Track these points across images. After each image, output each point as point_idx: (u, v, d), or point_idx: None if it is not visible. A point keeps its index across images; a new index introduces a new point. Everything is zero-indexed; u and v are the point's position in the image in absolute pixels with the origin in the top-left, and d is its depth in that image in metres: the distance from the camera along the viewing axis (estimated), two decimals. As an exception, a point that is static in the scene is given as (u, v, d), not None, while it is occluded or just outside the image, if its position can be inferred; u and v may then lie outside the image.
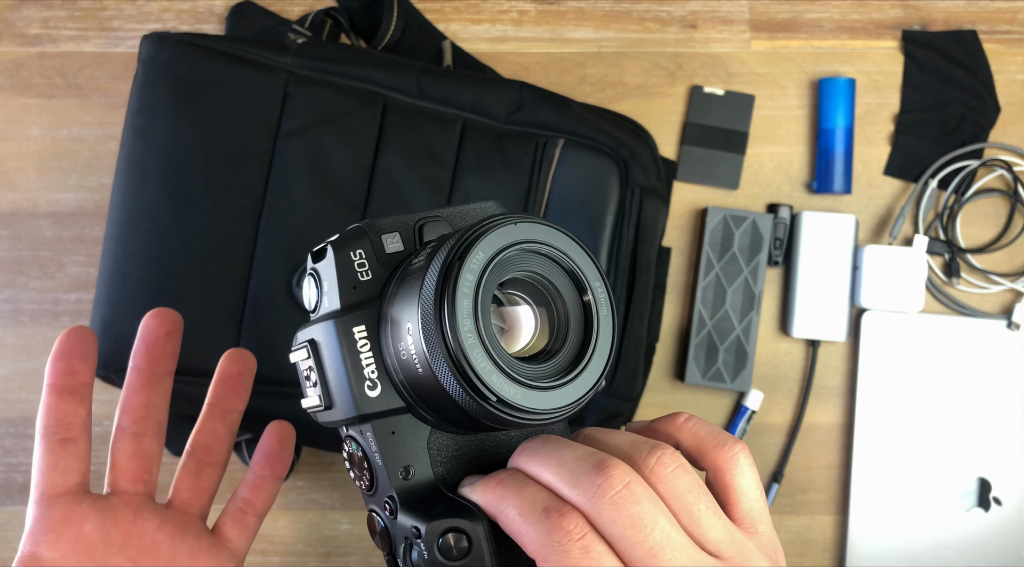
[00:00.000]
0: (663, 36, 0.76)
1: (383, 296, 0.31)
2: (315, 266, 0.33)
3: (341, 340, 0.31)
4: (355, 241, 0.32)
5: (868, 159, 0.75)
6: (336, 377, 0.31)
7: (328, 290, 0.32)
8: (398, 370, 0.30)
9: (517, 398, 0.28)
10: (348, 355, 0.31)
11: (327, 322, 0.31)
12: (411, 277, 0.30)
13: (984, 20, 0.76)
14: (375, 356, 0.31)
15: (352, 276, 0.32)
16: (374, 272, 0.32)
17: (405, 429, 0.31)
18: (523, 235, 0.29)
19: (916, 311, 0.72)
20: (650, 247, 0.67)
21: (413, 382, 0.30)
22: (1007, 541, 0.72)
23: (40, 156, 0.74)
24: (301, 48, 0.65)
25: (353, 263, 0.32)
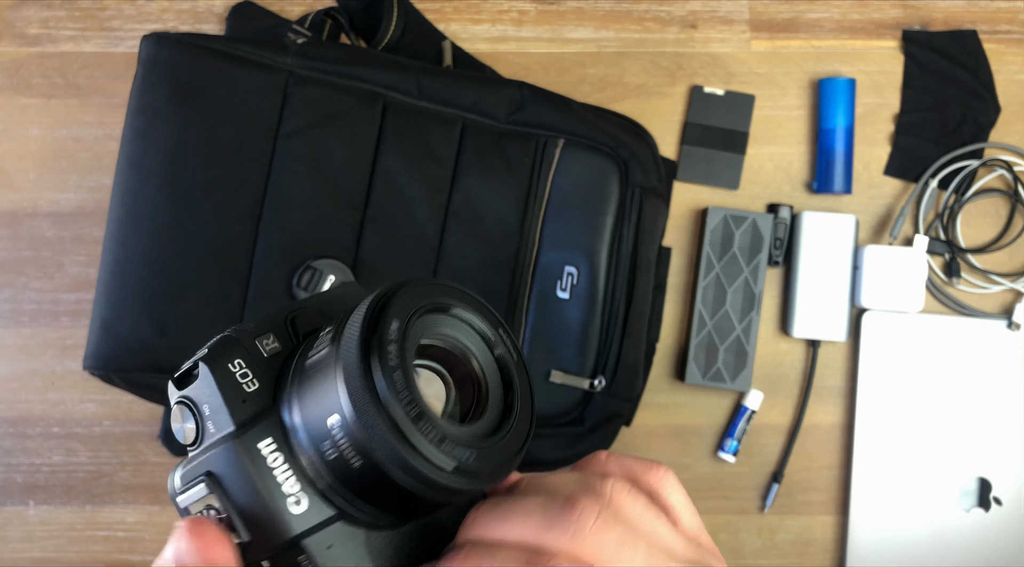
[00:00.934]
0: (663, 36, 0.76)
1: (279, 402, 0.28)
2: (184, 393, 0.29)
3: (247, 462, 0.27)
4: (229, 351, 0.29)
5: (868, 159, 0.75)
6: (251, 505, 0.27)
7: (212, 413, 0.28)
8: (323, 474, 0.27)
9: (472, 460, 0.27)
10: (260, 476, 0.27)
11: (223, 447, 0.28)
12: (316, 370, 0.27)
13: (984, 20, 0.76)
14: (292, 467, 0.28)
15: (238, 389, 0.28)
16: (260, 379, 0.29)
17: (341, 539, 0.28)
18: (425, 298, 0.28)
19: (916, 311, 0.72)
20: (650, 247, 0.67)
21: (347, 480, 0.27)
22: (1007, 541, 0.72)
23: (40, 156, 0.74)
24: (301, 48, 0.65)
25: (235, 375, 0.28)
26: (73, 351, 0.73)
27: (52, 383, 0.73)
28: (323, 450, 0.27)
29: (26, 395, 0.73)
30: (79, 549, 0.73)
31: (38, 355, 0.73)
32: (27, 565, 0.73)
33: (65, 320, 0.73)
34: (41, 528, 0.73)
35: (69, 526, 0.73)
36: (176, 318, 0.62)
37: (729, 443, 0.73)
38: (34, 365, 0.73)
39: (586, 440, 0.67)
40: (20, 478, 0.73)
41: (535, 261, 0.66)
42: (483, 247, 0.66)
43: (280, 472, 0.28)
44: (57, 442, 0.73)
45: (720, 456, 0.73)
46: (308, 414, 0.27)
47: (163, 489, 0.73)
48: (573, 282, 0.66)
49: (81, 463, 0.73)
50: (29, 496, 0.73)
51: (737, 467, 0.74)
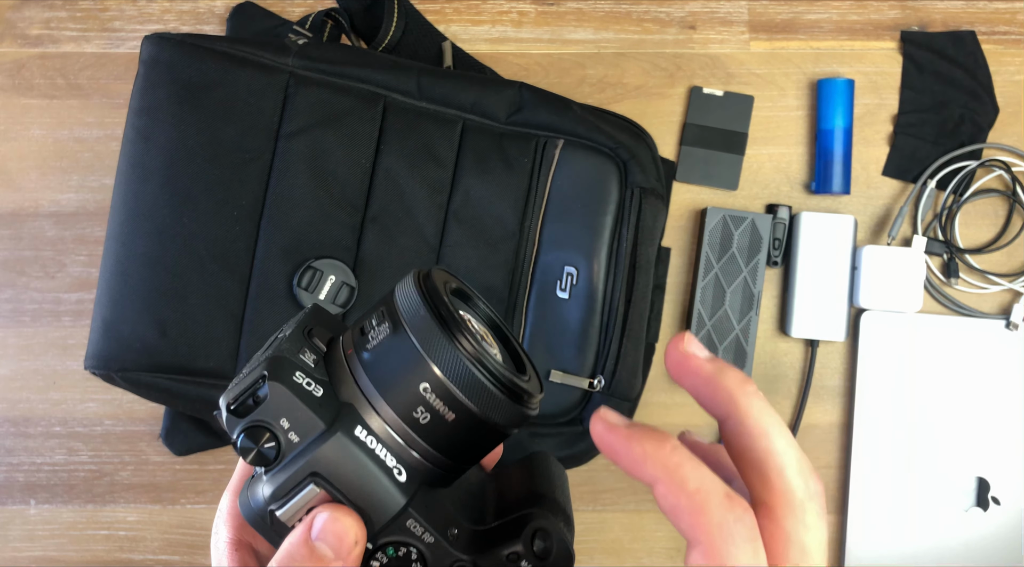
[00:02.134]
0: (662, 37, 0.76)
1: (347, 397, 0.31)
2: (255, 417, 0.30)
3: (353, 448, 0.30)
4: (289, 367, 0.31)
5: (867, 160, 0.76)
6: (364, 485, 0.30)
7: (293, 424, 0.30)
8: (413, 443, 0.31)
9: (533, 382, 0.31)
10: (368, 456, 0.30)
11: (326, 444, 0.30)
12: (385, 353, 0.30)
13: (983, 21, 0.76)
14: (384, 446, 0.31)
15: (311, 397, 0.30)
16: (321, 385, 0.31)
17: (429, 499, 0.31)
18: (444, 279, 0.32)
19: (915, 311, 0.73)
20: (649, 247, 0.67)
21: (437, 438, 0.30)
22: (1006, 541, 0.72)
23: (41, 156, 0.74)
24: (302, 49, 0.65)
25: (302, 385, 0.30)
26: (74, 351, 0.73)
27: (53, 382, 0.73)
28: (416, 417, 0.30)
29: (28, 394, 0.73)
30: (80, 548, 0.73)
31: (39, 355, 0.74)
32: (28, 564, 0.73)
33: (67, 320, 0.74)
34: (42, 527, 0.73)
35: (70, 525, 0.73)
36: (177, 318, 0.63)
37: (728, 443, 0.73)
38: (36, 365, 0.73)
39: (585, 440, 0.67)
40: (22, 477, 0.73)
41: (535, 261, 0.66)
42: (483, 247, 0.66)
43: (380, 451, 0.30)
44: (58, 441, 0.73)
45: (719, 455, 0.73)
46: (393, 392, 0.30)
47: (164, 488, 0.74)
48: (572, 282, 0.66)
49: (82, 462, 0.73)
50: (31, 495, 0.73)
51: (736, 466, 0.74)
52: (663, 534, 0.74)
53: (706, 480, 0.26)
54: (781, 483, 0.27)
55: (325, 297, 0.63)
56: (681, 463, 0.27)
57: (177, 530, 0.73)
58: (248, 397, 0.31)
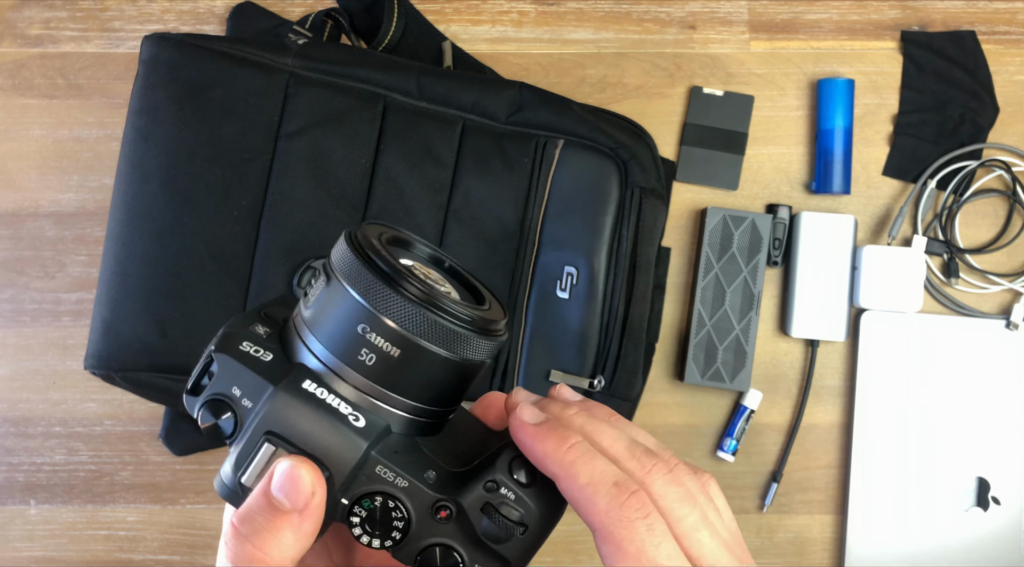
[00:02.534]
0: (662, 37, 0.76)
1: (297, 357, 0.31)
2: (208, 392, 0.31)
3: (300, 401, 0.30)
4: (235, 339, 0.31)
5: (867, 160, 0.76)
6: (317, 438, 0.30)
7: (244, 391, 0.30)
8: (369, 388, 0.30)
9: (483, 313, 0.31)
10: (317, 406, 0.30)
11: (272, 401, 0.30)
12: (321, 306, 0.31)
13: (983, 21, 0.76)
14: (337, 396, 0.30)
15: (259, 362, 0.30)
16: (272, 351, 0.31)
17: (402, 447, 0.31)
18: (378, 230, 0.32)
19: (915, 311, 0.73)
20: (649, 247, 0.67)
21: (390, 378, 0.30)
22: (1006, 541, 0.72)
23: (41, 156, 0.74)
24: (302, 49, 0.65)
25: (249, 353, 0.31)
26: (74, 351, 0.73)
27: (53, 383, 0.73)
28: (361, 360, 0.30)
29: (28, 394, 0.73)
30: (80, 548, 0.73)
31: (39, 355, 0.74)
32: (28, 564, 0.73)
33: (66, 320, 0.74)
34: (42, 527, 0.73)
35: (70, 525, 0.73)
36: (177, 318, 0.63)
37: (728, 442, 0.73)
38: (35, 365, 0.73)
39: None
40: (22, 477, 0.73)
41: (535, 261, 0.66)
42: (483, 247, 0.66)
43: (331, 400, 0.30)
44: (58, 441, 0.73)
45: (719, 455, 0.73)
46: (334, 339, 0.30)
47: (164, 488, 0.74)
48: (573, 282, 0.66)
49: (82, 462, 0.73)
50: (31, 495, 0.73)
51: (736, 466, 0.74)
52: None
53: (596, 472, 0.29)
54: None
55: (325, 297, 0.63)
56: (574, 460, 0.30)
57: (177, 530, 0.73)
58: (203, 375, 0.31)
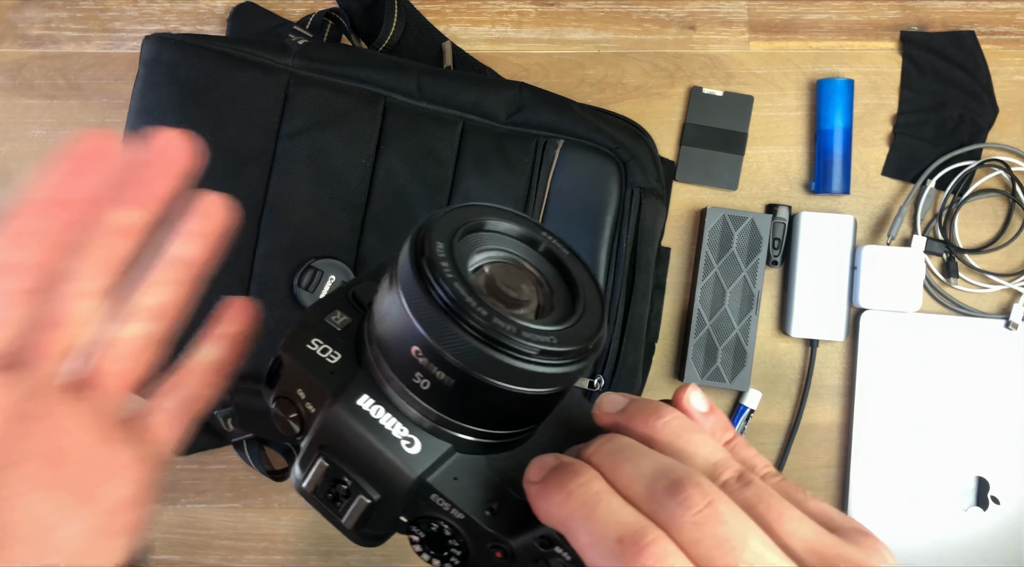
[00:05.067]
0: (662, 37, 0.76)
1: (365, 365, 0.29)
2: (278, 390, 0.30)
3: (352, 420, 0.28)
4: (303, 334, 0.29)
5: (866, 160, 0.76)
6: (370, 460, 0.28)
7: (307, 394, 0.29)
8: (426, 410, 0.28)
9: (554, 343, 0.26)
10: (368, 428, 0.28)
11: (326, 415, 0.28)
12: (385, 316, 0.28)
13: (982, 21, 0.76)
14: (395, 415, 0.28)
15: (323, 364, 0.29)
16: (340, 351, 0.29)
17: (465, 470, 0.29)
18: (459, 221, 0.28)
19: (914, 311, 0.73)
20: (649, 247, 0.67)
21: (449, 405, 0.28)
22: (1005, 540, 0.72)
23: (42, 157, 0.74)
24: (302, 49, 0.65)
25: (316, 353, 0.29)
26: (75, 351, 0.73)
27: (54, 382, 0.73)
28: (416, 383, 0.27)
29: (28, 394, 0.73)
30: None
31: (40, 355, 0.73)
32: (29, 564, 0.73)
33: (67, 320, 0.74)
34: (43, 527, 0.73)
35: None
36: (178, 318, 0.63)
37: (728, 442, 0.73)
38: (36, 365, 0.73)
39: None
40: (22, 477, 0.73)
41: (535, 261, 0.66)
42: (483, 247, 0.66)
43: (386, 421, 0.28)
44: (59, 441, 0.73)
45: (719, 455, 0.73)
46: (393, 357, 0.28)
47: (164, 487, 0.74)
48: (573, 282, 0.66)
49: (83, 462, 0.73)
50: None
51: (736, 466, 0.74)
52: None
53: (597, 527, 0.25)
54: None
55: (325, 297, 0.63)
56: (571, 514, 0.26)
57: (177, 530, 0.74)
58: (275, 364, 0.30)
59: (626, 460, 0.26)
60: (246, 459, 0.71)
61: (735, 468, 0.27)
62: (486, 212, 0.29)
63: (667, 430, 0.28)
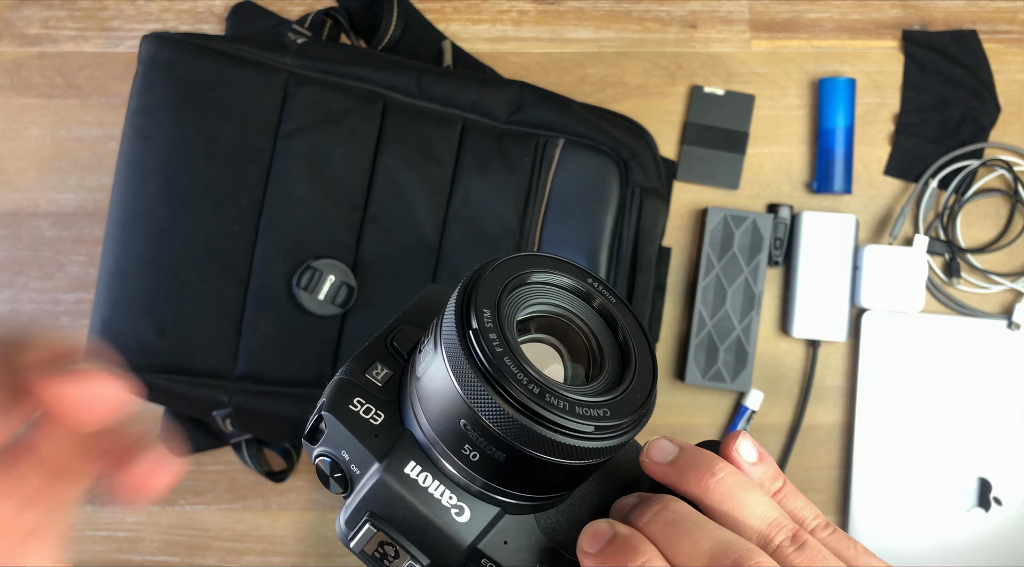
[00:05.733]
0: (663, 36, 0.76)
1: (408, 423, 0.29)
2: (321, 448, 0.29)
3: (401, 491, 0.28)
4: (346, 393, 0.29)
5: (868, 159, 0.75)
6: (419, 529, 0.28)
7: (352, 457, 0.29)
8: (474, 477, 0.28)
9: (608, 416, 0.26)
10: (418, 499, 0.28)
11: (374, 483, 0.28)
12: (430, 381, 0.27)
13: (984, 20, 0.76)
14: (442, 482, 0.28)
15: (367, 426, 0.29)
16: (383, 409, 0.29)
17: (514, 531, 0.28)
18: (506, 277, 0.28)
19: (916, 311, 0.72)
20: (650, 247, 0.67)
21: (498, 475, 0.27)
22: (1008, 541, 0.72)
23: (40, 156, 0.74)
24: (301, 48, 0.65)
25: (359, 413, 0.29)
26: (73, 351, 0.73)
27: (52, 383, 0.73)
28: (466, 454, 0.27)
29: (26, 395, 0.73)
30: (79, 549, 0.73)
31: (38, 355, 0.73)
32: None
33: (65, 320, 0.73)
34: (41, 528, 0.73)
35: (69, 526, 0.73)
36: (176, 318, 0.62)
37: (729, 443, 0.73)
38: (34, 365, 0.73)
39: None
40: (20, 478, 0.73)
41: (535, 261, 0.66)
42: (483, 247, 0.66)
43: (434, 489, 0.28)
44: (57, 442, 0.73)
45: (720, 456, 0.73)
46: (439, 425, 0.27)
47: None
48: (573, 282, 0.66)
49: (81, 463, 0.73)
50: None
51: (737, 467, 0.74)
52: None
53: None
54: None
55: (324, 297, 0.63)
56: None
57: (176, 531, 0.73)
58: (317, 421, 0.30)
59: (684, 535, 0.26)
60: (245, 460, 0.70)
61: (788, 528, 0.27)
62: (534, 263, 0.29)
63: (720, 489, 0.28)
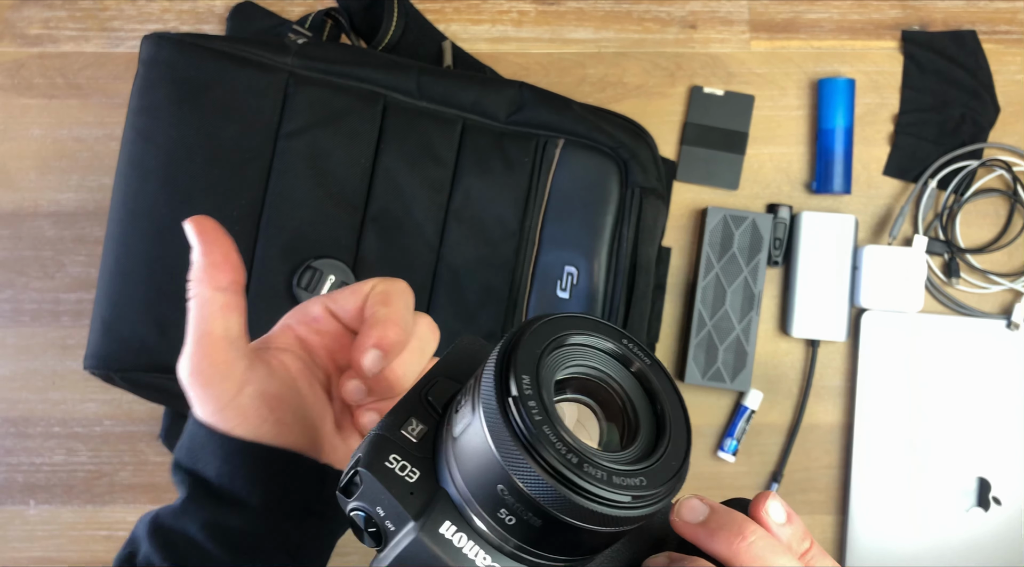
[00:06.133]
0: (663, 36, 0.76)
1: (443, 482, 0.29)
2: (356, 502, 0.30)
3: (436, 551, 0.28)
4: (383, 450, 0.29)
5: (868, 159, 0.75)
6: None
7: (387, 513, 0.29)
8: (507, 538, 0.28)
9: (645, 484, 0.26)
10: (453, 558, 0.28)
11: (409, 542, 0.28)
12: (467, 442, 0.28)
13: (983, 20, 0.76)
14: (477, 542, 0.28)
15: (402, 484, 0.29)
16: (419, 467, 0.29)
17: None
18: (544, 340, 0.28)
19: (915, 311, 0.72)
20: (650, 247, 0.67)
21: (532, 539, 0.28)
22: (1007, 541, 0.72)
23: (41, 156, 0.74)
24: (301, 48, 0.65)
25: (394, 471, 0.29)
26: (74, 351, 0.73)
27: (53, 383, 0.73)
28: (501, 518, 0.27)
29: (27, 395, 0.73)
30: (80, 548, 0.73)
31: (39, 355, 0.73)
32: (28, 564, 0.73)
33: (66, 320, 0.73)
34: (42, 527, 0.73)
35: (70, 525, 0.73)
36: (177, 318, 0.62)
37: (729, 443, 0.73)
38: (35, 365, 0.73)
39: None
40: (21, 477, 0.73)
41: (535, 261, 0.66)
42: (483, 247, 0.66)
43: (469, 550, 0.28)
44: (58, 441, 0.73)
45: (719, 455, 0.73)
46: (475, 487, 0.28)
47: (164, 488, 0.74)
48: (573, 282, 0.66)
49: (82, 462, 0.73)
50: (30, 495, 0.73)
51: (737, 466, 0.74)
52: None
53: None
54: None
55: (325, 297, 0.63)
56: None
57: (177, 530, 0.73)
58: (352, 476, 0.30)
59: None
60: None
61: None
62: (572, 325, 0.29)
63: (750, 553, 0.29)
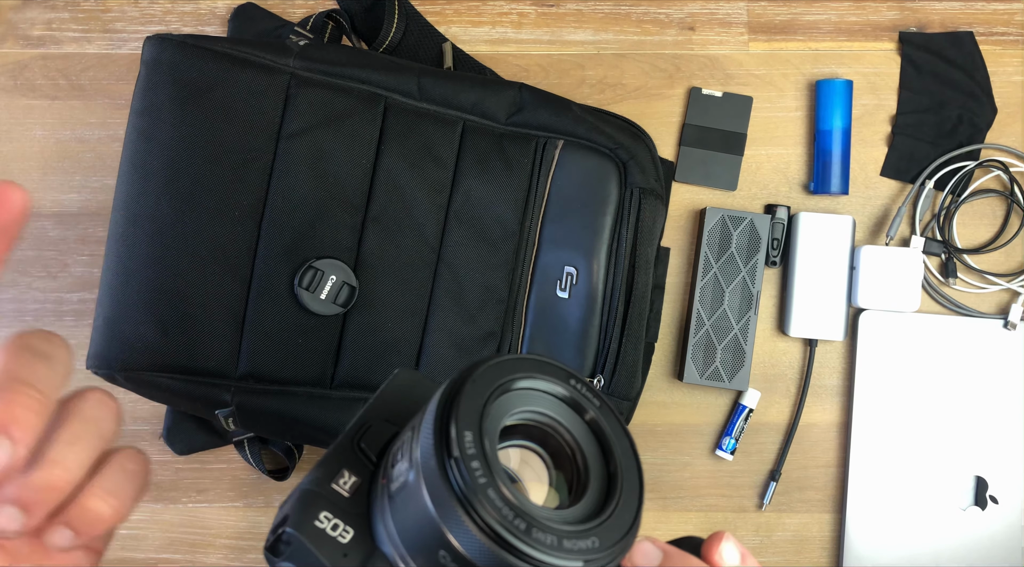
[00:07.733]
0: (662, 38, 0.76)
1: (379, 539, 0.27)
2: (286, 564, 0.27)
3: None
4: (311, 506, 0.27)
5: (865, 160, 0.76)
6: None
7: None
8: None
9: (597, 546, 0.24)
10: None
11: None
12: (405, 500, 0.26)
13: (981, 22, 0.77)
14: None
15: (334, 545, 0.27)
16: (352, 524, 0.27)
17: None
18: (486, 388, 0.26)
19: (913, 311, 0.73)
20: (649, 247, 0.67)
21: None
22: (1004, 540, 0.72)
23: (44, 157, 0.75)
24: (303, 50, 0.65)
25: (325, 531, 0.27)
26: (77, 350, 0.73)
27: (56, 382, 0.74)
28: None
29: (30, 394, 0.73)
30: (82, 547, 0.73)
31: (42, 354, 0.74)
32: (31, 562, 0.73)
33: (69, 320, 0.74)
34: (45, 526, 0.73)
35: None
36: (178, 318, 0.63)
37: (727, 441, 0.73)
38: (38, 364, 0.74)
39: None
40: (24, 476, 0.73)
41: (535, 261, 0.67)
42: (483, 247, 0.66)
43: None
44: (60, 440, 0.73)
45: (718, 454, 0.74)
46: (415, 550, 0.26)
47: (166, 487, 0.74)
48: (572, 282, 0.66)
49: (84, 461, 0.73)
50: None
51: (735, 465, 0.74)
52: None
53: None
54: None
55: (326, 297, 0.63)
56: None
57: (178, 529, 0.74)
58: (279, 534, 0.28)
59: None
60: (247, 458, 0.71)
61: None
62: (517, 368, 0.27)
63: None
